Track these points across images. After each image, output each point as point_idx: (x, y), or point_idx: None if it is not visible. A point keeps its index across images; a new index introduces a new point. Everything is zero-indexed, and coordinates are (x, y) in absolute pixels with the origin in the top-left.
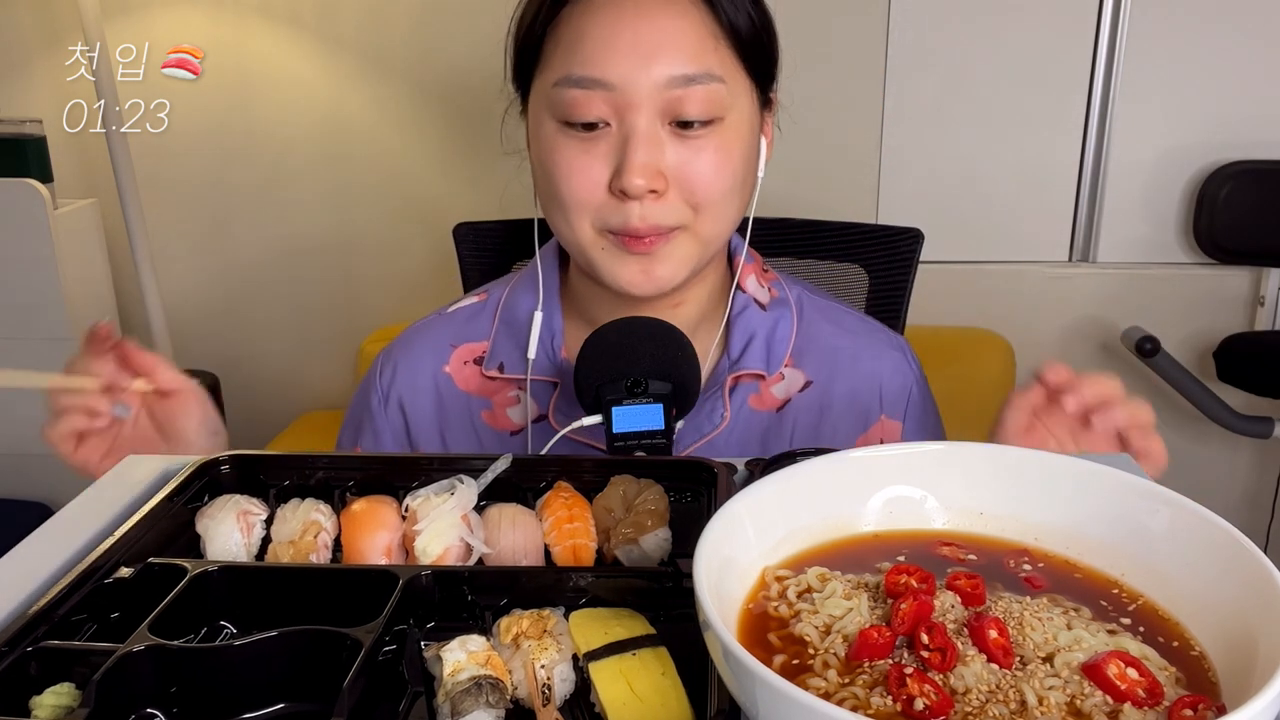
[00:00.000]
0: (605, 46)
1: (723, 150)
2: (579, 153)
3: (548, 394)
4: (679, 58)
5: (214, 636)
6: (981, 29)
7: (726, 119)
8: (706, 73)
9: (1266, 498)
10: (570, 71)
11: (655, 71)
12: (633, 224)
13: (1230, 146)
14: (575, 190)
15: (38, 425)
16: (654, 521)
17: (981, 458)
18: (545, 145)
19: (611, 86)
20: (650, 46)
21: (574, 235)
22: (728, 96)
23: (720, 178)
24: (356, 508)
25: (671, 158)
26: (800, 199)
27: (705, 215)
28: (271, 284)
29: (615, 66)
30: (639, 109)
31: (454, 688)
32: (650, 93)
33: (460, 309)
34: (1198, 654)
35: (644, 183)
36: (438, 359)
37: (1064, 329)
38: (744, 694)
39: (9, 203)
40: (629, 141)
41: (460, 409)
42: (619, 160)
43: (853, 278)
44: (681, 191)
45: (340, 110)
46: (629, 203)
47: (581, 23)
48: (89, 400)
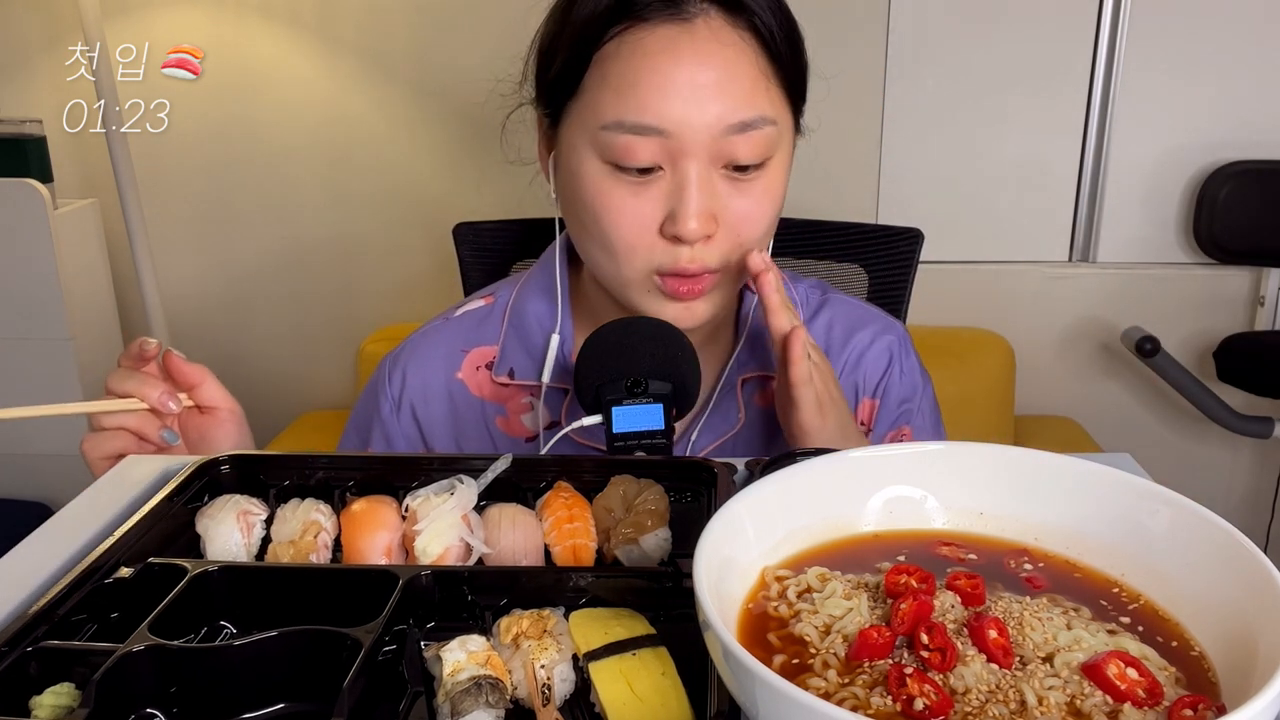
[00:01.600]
0: (661, 91)
1: (769, 191)
2: (629, 196)
3: (560, 400)
4: (735, 103)
5: (214, 636)
6: (981, 29)
7: (775, 157)
8: (761, 116)
9: (1266, 498)
10: (624, 117)
11: (711, 117)
12: (683, 265)
13: (1230, 146)
14: (626, 235)
15: (38, 425)
16: (654, 521)
17: (981, 458)
18: (590, 185)
19: (667, 133)
20: (707, 91)
21: (619, 275)
22: (777, 136)
23: (765, 217)
24: (356, 508)
25: (724, 200)
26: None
27: (745, 252)
28: (271, 284)
29: (671, 112)
30: (694, 155)
31: (454, 688)
32: (708, 140)
33: (468, 313)
34: (1198, 654)
35: (699, 227)
36: (450, 365)
37: (1064, 329)
38: (744, 694)
39: (9, 203)
40: (684, 189)
41: (475, 415)
42: (673, 205)
43: (853, 278)
44: (729, 232)
45: (340, 110)
46: (680, 246)
47: (634, 63)
48: (140, 423)
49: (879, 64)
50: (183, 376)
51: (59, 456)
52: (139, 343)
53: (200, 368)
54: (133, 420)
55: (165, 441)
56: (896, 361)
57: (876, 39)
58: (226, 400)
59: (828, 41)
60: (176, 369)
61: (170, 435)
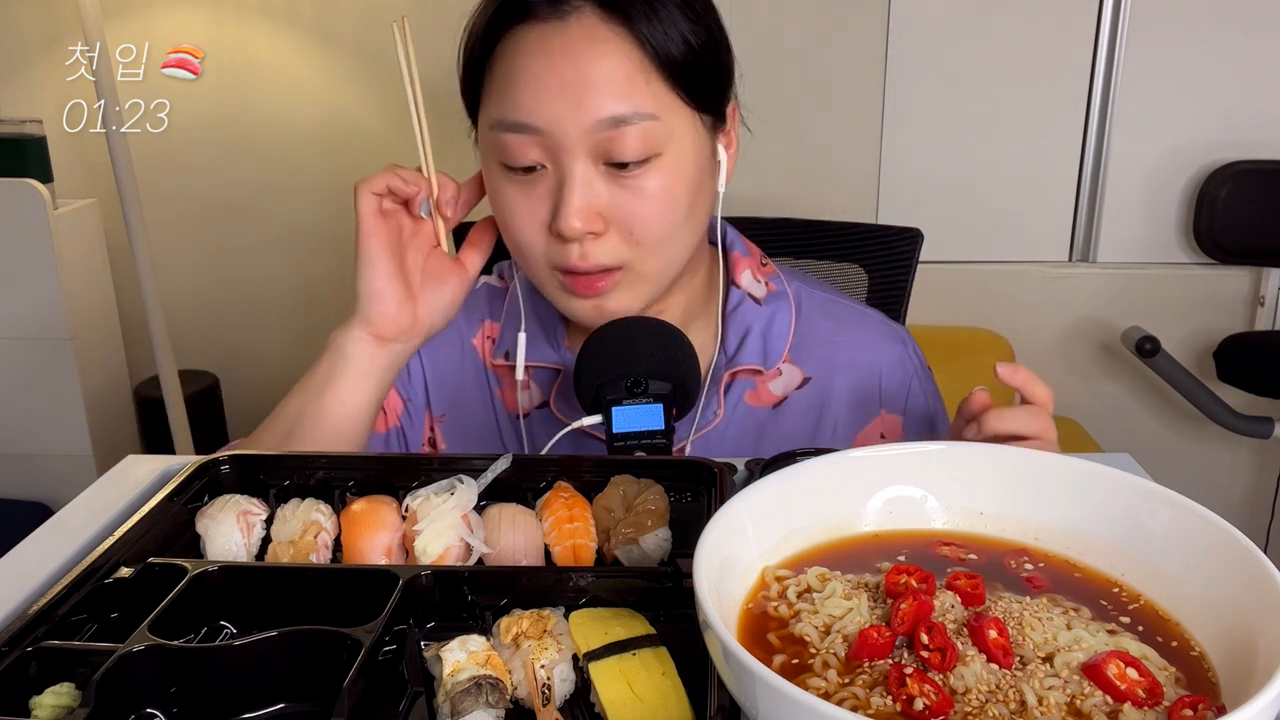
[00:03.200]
0: (533, 90)
1: (661, 188)
2: (519, 195)
3: (550, 381)
4: (608, 99)
5: (214, 636)
6: (981, 29)
7: (665, 154)
8: (637, 112)
9: (1266, 498)
10: (503, 115)
11: (585, 114)
12: (573, 262)
13: (1230, 146)
14: (521, 232)
15: (38, 425)
16: (654, 521)
17: (981, 458)
18: (491, 185)
19: (542, 131)
20: (578, 88)
21: (530, 272)
22: (663, 132)
23: (660, 216)
24: (356, 508)
25: (608, 199)
26: (800, 199)
27: (647, 253)
28: (271, 284)
29: (543, 110)
30: (571, 152)
31: (454, 688)
32: (581, 136)
33: (486, 285)
34: (1198, 654)
35: (581, 225)
36: (470, 327)
37: (1064, 329)
38: (744, 694)
39: (9, 203)
40: (563, 185)
41: (481, 382)
42: (555, 203)
43: (853, 278)
44: (620, 231)
45: (340, 110)
46: (569, 244)
47: (512, 63)
48: (410, 179)
49: (879, 64)
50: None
51: (59, 456)
52: None
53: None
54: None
55: (420, 212)
56: (915, 376)
57: (876, 39)
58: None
59: (828, 41)
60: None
61: (426, 207)
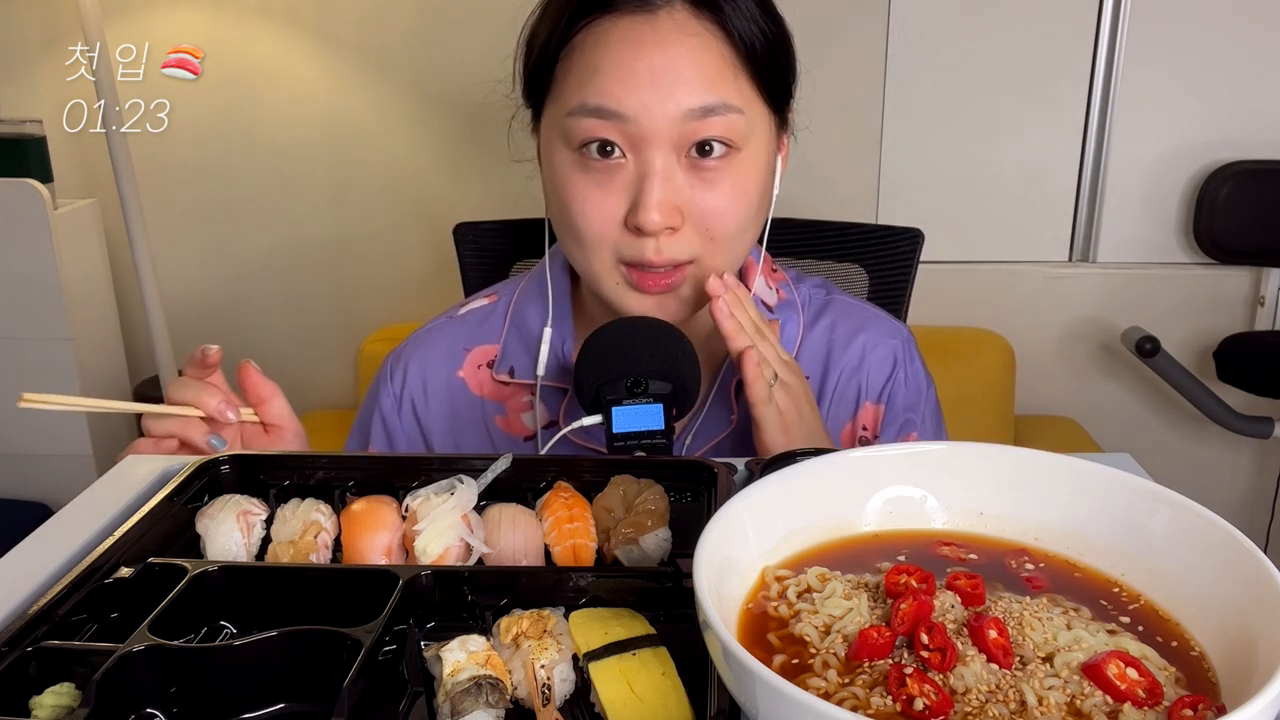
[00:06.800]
0: (620, 77)
1: (738, 183)
2: (594, 186)
3: (559, 400)
4: (696, 89)
5: (214, 636)
6: (981, 29)
7: (744, 150)
8: (724, 103)
9: (1266, 498)
10: (585, 101)
11: (672, 103)
12: (648, 257)
13: (1230, 146)
14: (591, 224)
15: (38, 425)
16: (654, 521)
17: (981, 458)
18: (559, 175)
19: (627, 119)
20: (667, 77)
21: (589, 267)
22: (744, 126)
23: (735, 212)
24: (356, 508)
25: (688, 193)
26: (800, 199)
27: (719, 248)
28: (272, 284)
29: (632, 98)
30: (655, 142)
31: (454, 688)
32: (667, 125)
33: (471, 311)
34: (1198, 654)
35: (661, 219)
36: (451, 363)
37: (1064, 329)
38: (744, 694)
39: (9, 203)
40: (646, 178)
41: (474, 414)
42: (635, 195)
43: (853, 278)
44: (696, 226)
45: (340, 110)
46: (645, 238)
47: (597, 51)
48: (186, 429)
49: (879, 64)
50: (254, 389)
51: (59, 456)
52: (200, 350)
53: (271, 384)
54: (181, 427)
55: (212, 448)
56: (901, 367)
57: (876, 39)
58: (292, 421)
59: (828, 41)
60: (250, 380)
61: (218, 441)
